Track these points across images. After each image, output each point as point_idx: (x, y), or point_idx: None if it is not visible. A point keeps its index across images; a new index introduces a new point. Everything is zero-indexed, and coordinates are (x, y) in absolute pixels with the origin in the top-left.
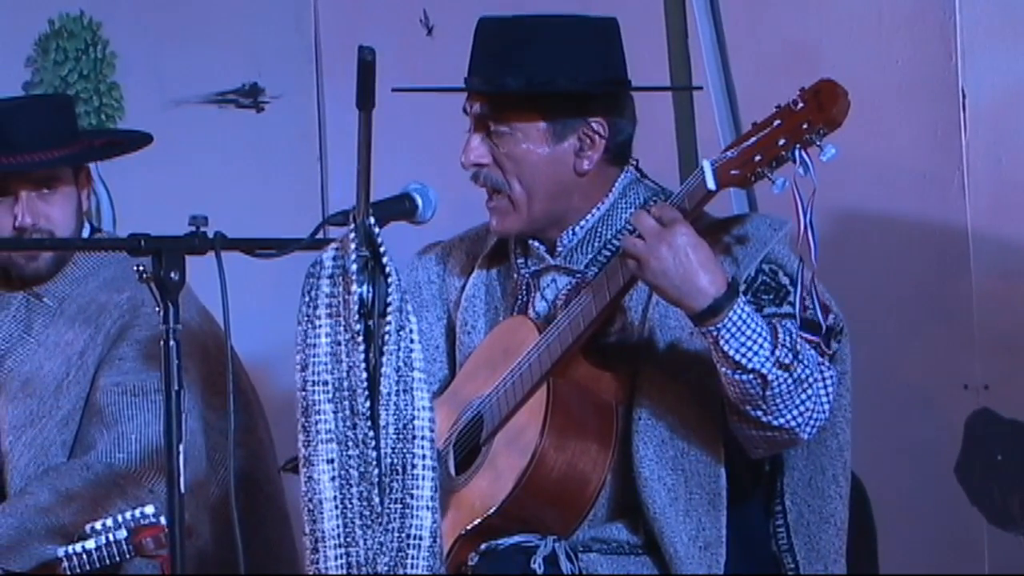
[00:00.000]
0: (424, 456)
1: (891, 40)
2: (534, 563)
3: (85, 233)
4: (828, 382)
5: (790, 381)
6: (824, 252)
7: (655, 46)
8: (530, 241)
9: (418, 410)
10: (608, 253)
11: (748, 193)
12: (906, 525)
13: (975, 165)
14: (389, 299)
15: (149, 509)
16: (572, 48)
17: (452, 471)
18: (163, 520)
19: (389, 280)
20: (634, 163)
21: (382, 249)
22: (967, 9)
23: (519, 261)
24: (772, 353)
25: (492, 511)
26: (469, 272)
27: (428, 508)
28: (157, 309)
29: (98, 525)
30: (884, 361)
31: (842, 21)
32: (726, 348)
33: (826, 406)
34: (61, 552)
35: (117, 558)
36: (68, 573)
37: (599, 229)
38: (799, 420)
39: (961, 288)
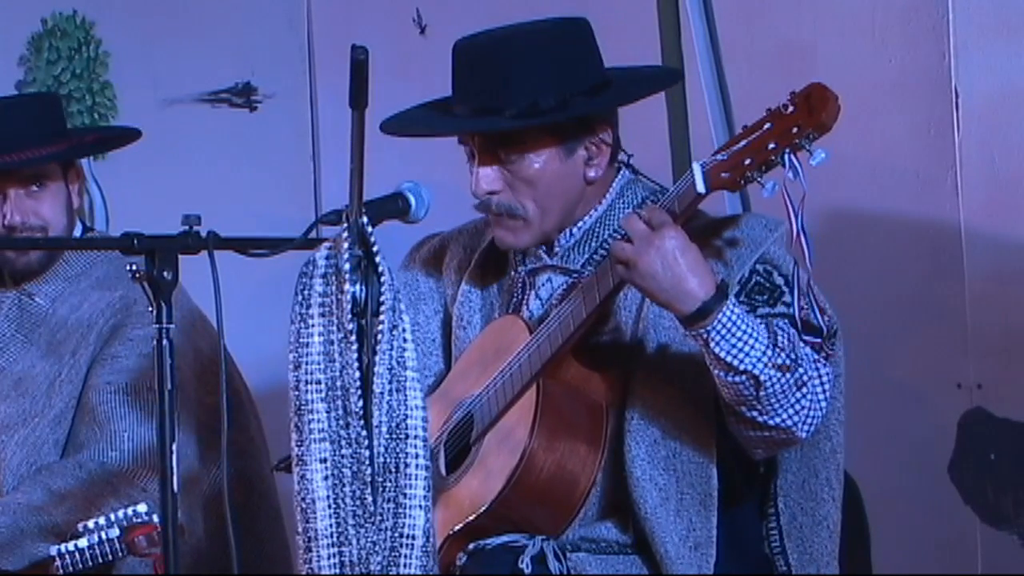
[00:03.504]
0: (417, 455)
1: (884, 39)
2: (522, 562)
3: (78, 232)
4: (824, 379)
5: (785, 381)
6: (817, 251)
7: (648, 45)
8: None
9: (411, 409)
10: (604, 253)
11: (742, 195)
12: (899, 524)
13: (968, 164)
14: (382, 298)
15: (142, 508)
16: (560, 60)
17: (443, 470)
18: (155, 519)
19: (382, 279)
20: (625, 158)
21: (375, 248)
22: (960, 8)
23: (516, 258)
24: (765, 353)
25: (482, 510)
26: (466, 267)
27: (421, 507)
28: (150, 308)
29: (91, 524)
30: (877, 360)
31: (835, 20)
32: (716, 350)
33: (823, 404)
34: (54, 551)
35: (110, 556)
36: (61, 572)
37: (596, 229)
38: (795, 419)
39: (954, 287)
